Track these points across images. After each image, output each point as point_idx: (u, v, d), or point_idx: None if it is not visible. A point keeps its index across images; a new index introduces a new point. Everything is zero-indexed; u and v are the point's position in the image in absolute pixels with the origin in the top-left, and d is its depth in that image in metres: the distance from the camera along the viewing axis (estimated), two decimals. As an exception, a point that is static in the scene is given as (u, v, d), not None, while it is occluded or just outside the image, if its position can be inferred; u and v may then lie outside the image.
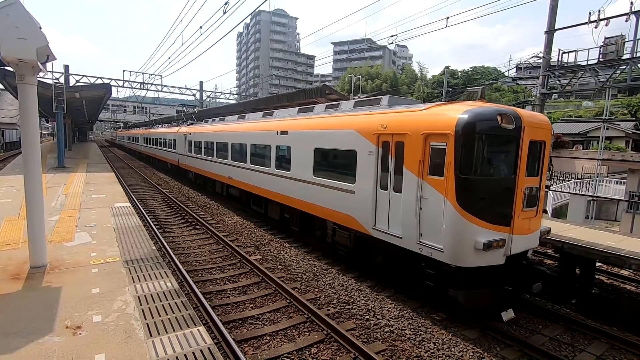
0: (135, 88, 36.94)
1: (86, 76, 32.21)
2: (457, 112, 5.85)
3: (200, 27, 19.00)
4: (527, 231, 6.35)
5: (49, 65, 6.14)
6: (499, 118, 5.73)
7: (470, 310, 6.17)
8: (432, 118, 6.25)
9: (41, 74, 6.06)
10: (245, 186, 13.12)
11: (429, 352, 5.40)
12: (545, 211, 6.62)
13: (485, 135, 5.84)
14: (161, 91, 38.79)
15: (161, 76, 39.80)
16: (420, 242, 6.22)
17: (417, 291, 7.08)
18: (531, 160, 6.27)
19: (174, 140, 23.51)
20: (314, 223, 9.82)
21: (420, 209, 6.20)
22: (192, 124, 23.28)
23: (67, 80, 29.93)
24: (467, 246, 5.66)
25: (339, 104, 9.64)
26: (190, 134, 20.06)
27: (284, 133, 10.45)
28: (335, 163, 8.73)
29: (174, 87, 40.37)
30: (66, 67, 31.08)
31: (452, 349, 5.47)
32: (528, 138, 6.06)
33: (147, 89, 37.71)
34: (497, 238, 5.77)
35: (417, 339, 5.71)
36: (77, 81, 31.47)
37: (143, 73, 36.83)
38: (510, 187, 6.01)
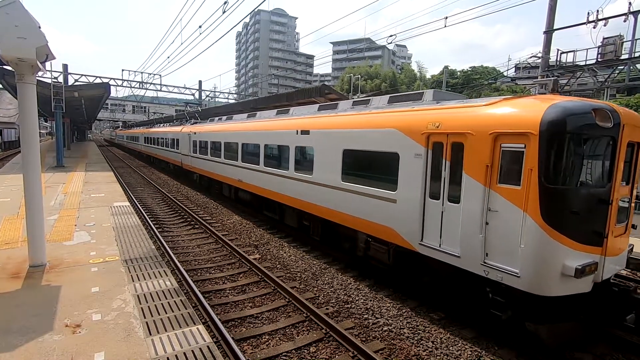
0: (134, 87, 36.91)
1: (85, 75, 32.17)
2: (540, 107, 4.87)
3: (200, 27, 19.00)
4: (618, 251, 5.38)
5: (47, 64, 6.15)
6: (593, 114, 4.77)
7: (553, 348, 5.21)
8: (503, 114, 5.23)
9: (40, 73, 6.06)
10: (258, 190, 12.02)
11: (427, 351, 5.42)
12: (634, 226, 5.84)
13: (578, 135, 4.81)
14: (160, 90, 38.76)
15: (160, 75, 39.62)
16: (485, 263, 5.23)
17: (479, 321, 6.03)
18: (626, 165, 5.36)
19: (177, 140, 22.60)
20: (339, 233, 8.77)
21: (487, 223, 5.21)
22: (196, 122, 22.62)
23: (65, 79, 29.90)
24: (554, 271, 4.71)
25: (369, 99, 8.73)
26: (195, 133, 19.13)
27: (305, 132, 9.41)
28: (370, 166, 7.58)
29: (173, 86, 40.35)
30: (65, 66, 31.06)
31: (451, 348, 5.49)
32: (627, 139, 5.10)
33: (146, 89, 37.67)
34: (590, 261, 4.82)
35: (416, 338, 5.73)
36: (76, 80, 31.44)
37: (142, 72, 36.83)
38: (605, 198, 5.03)
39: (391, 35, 18.34)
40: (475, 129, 5.43)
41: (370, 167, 7.60)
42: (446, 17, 14.98)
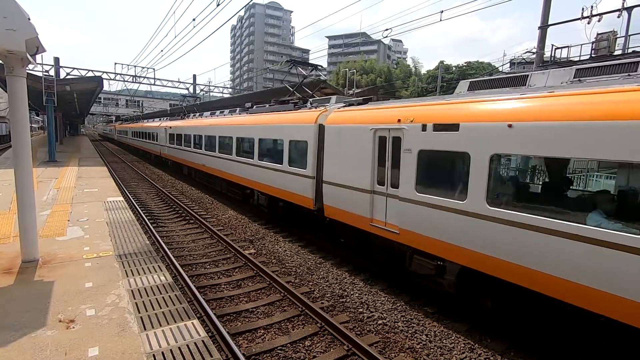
0: (127, 81, 36.49)
1: (77, 69, 31.78)
2: None
3: (194, 20, 18.78)
4: None
5: (38, 57, 6.06)
6: None
7: None
8: None
9: (31, 66, 5.97)
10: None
11: (421, 344, 5.47)
12: None
13: None
14: (154, 84, 38.35)
15: (154, 69, 39.10)
16: None
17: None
18: None
19: (295, 143, 9.89)
20: None
21: None
22: (352, 104, 9.05)
23: (57, 72, 29.48)
24: None
25: None
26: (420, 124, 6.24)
27: None
28: None
29: (167, 80, 39.93)
30: (56, 60, 30.58)
31: (444, 341, 5.55)
32: None
33: (140, 82, 37.25)
34: None
35: (410, 331, 5.78)
36: (68, 74, 31.03)
37: (135, 66, 36.41)
38: None
39: (387, 29, 18.25)
40: None
41: None
42: (442, 11, 14.95)
